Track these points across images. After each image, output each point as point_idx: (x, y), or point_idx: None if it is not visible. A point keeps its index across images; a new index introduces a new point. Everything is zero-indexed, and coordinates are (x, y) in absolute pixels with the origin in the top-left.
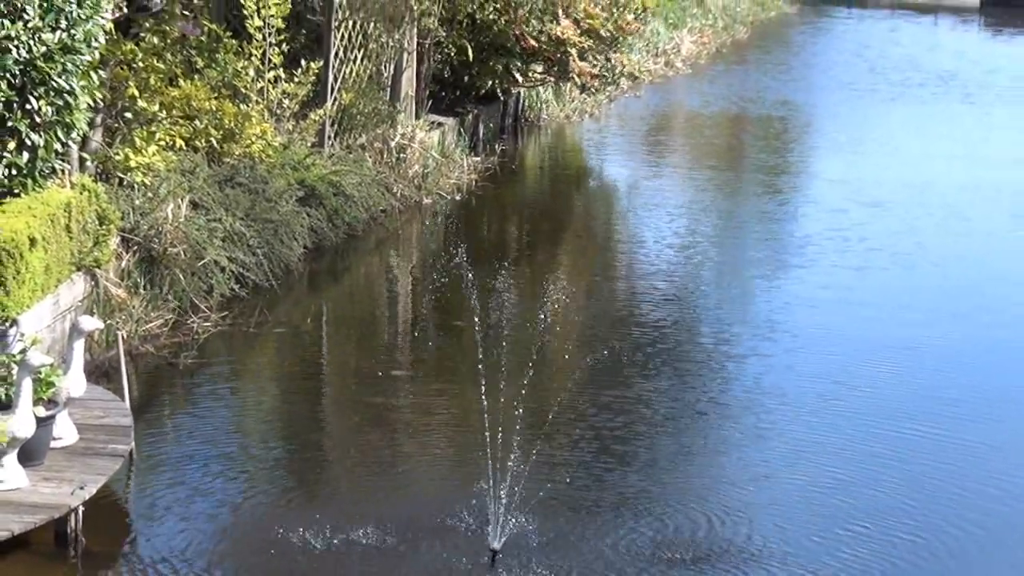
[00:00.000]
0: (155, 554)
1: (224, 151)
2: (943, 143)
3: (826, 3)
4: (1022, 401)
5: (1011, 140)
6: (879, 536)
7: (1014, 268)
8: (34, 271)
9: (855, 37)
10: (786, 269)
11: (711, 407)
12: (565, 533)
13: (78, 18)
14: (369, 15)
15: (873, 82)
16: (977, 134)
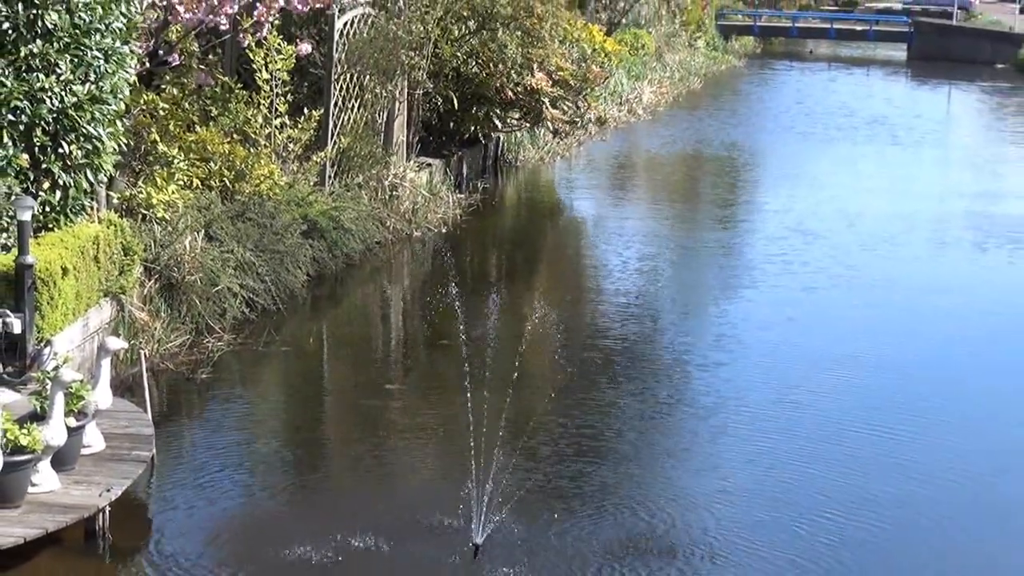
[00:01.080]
0: (175, 549)
1: (236, 189)
2: (873, 179)
3: (770, 57)
4: (947, 397)
5: (932, 176)
6: (823, 520)
7: (936, 287)
8: (66, 297)
9: (796, 87)
10: (736, 290)
11: (673, 411)
12: (542, 527)
13: (105, 72)
14: (365, 69)
15: (812, 126)
16: (902, 171)
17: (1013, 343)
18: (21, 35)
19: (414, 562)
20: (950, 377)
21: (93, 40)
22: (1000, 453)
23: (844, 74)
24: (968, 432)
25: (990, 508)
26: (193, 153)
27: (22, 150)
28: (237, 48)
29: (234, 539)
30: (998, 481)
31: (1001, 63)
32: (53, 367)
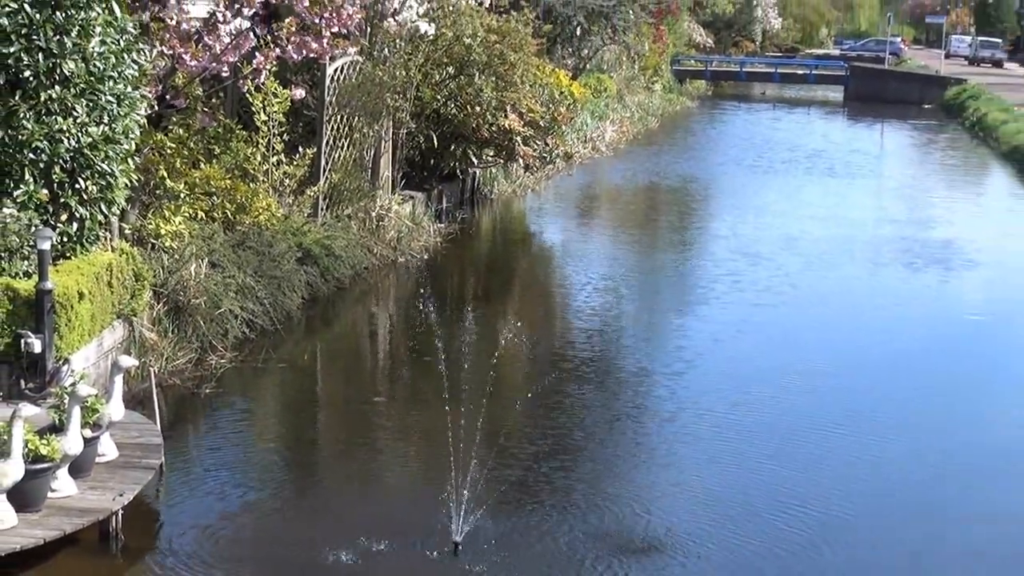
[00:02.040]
0: (182, 549)
1: (237, 221)
2: (812, 207)
3: (720, 99)
4: (882, 400)
5: (866, 204)
6: (771, 516)
7: (870, 303)
8: (82, 319)
9: (743, 125)
10: (691, 306)
11: (637, 416)
12: (518, 524)
13: (118, 115)
14: (353, 111)
15: (757, 159)
16: (840, 199)
17: (940, 350)
18: (41, 82)
19: (399, 559)
20: (884, 381)
21: (107, 86)
22: (930, 452)
23: (787, 113)
24: (900, 433)
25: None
26: (198, 188)
27: (42, 186)
28: (237, 92)
29: (236, 539)
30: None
31: (928, 103)
32: (70, 383)
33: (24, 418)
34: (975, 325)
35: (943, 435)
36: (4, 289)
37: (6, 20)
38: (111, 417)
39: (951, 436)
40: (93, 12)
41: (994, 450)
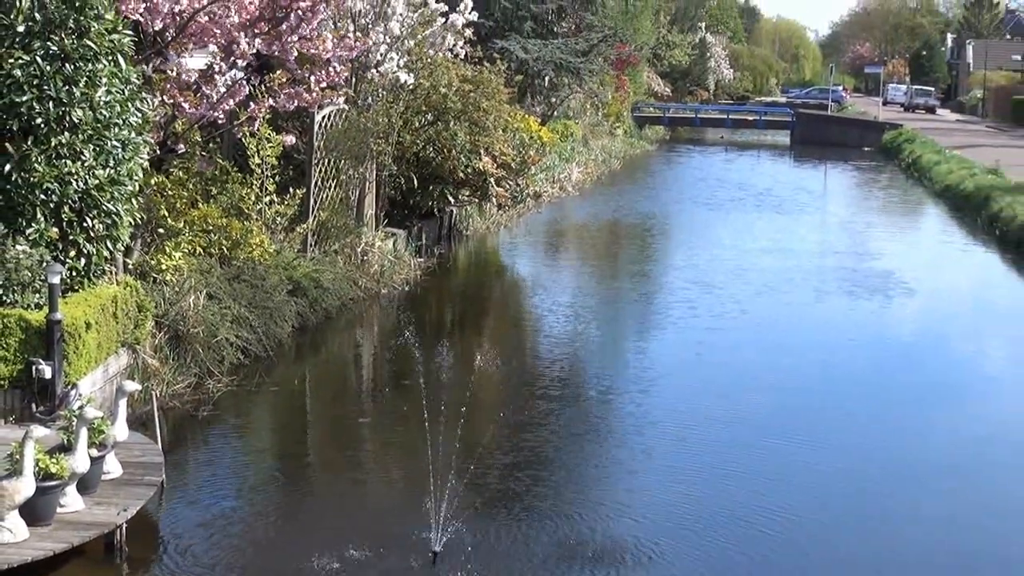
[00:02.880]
0: (182, 559)
1: (232, 256)
2: (761, 240)
3: (677, 143)
4: (824, 414)
5: (811, 238)
6: (727, 527)
7: (814, 326)
8: (89, 347)
9: (698, 166)
10: (651, 331)
11: (603, 433)
12: (493, 534)
13: (123, 158)
14: (340, 155)
15: (711, 197)
16: (786, 233)
17: (879, 368)
18: (52, 128)
19: (380, 568)
20: (828, 397)
21: (112, 132)
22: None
23: (738, 156)
24: (844, 442)
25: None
26: (196, 226)
27: (52, 224)
28: (233, 138)
29: (232, 548)
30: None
31: (868, 146)
32: (78, 406)
33: (35, 439)
34: (911, 346)
35: (884, 445)
36: (17, 320)
37: (19, 72)
38: (116, 438)
39: (892, 446)
40: (100, 64)
41: (933, 458)
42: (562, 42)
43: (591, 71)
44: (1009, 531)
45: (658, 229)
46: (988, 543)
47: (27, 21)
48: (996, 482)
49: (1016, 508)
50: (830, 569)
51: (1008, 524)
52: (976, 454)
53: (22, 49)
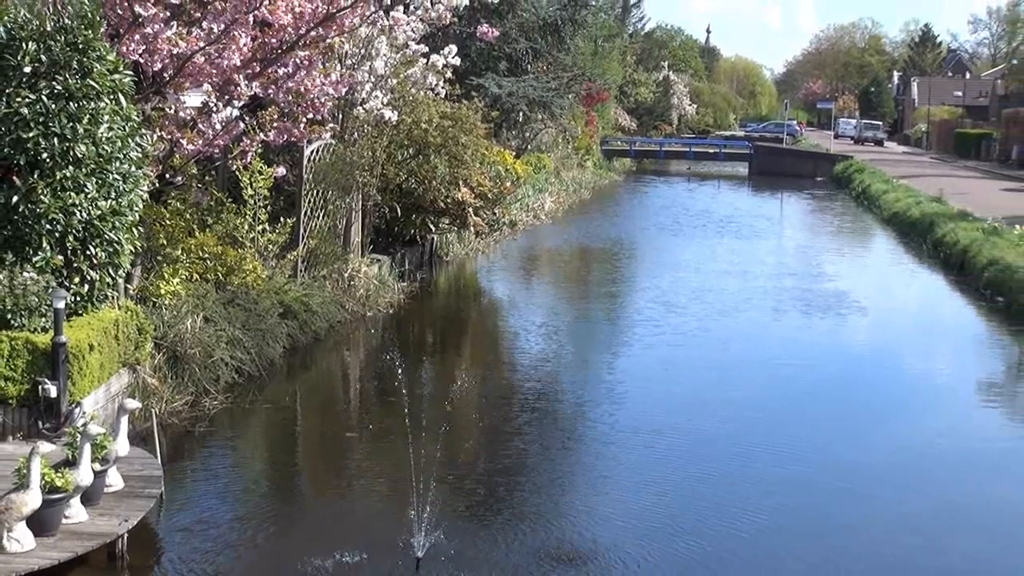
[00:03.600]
0: (180, 567)
1: (227, 282)
2: (721, 263)
3: (643, 174)
4: (782, 423)
5: (768, 261)
6: (694, 529)
7: (771, 342)
8: (92, 368)
9: (663, 195)
10: (620, 347)
11: (576, 444)
12: (473, 541)
13: (124, 191)
14: (328, 186)
15: (674, 224)
16: (745, 257)
17: (832, 380)
18: (57, 163)
19: (368, 573)
20: (783, 405)
21: (114, 166)
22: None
23: (699, 186)
24: (803, 451)
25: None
26: (193, 253)
27: (58, 253)
28: (227, 171)
29: (227, 555)
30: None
31: (821, 176)
32: (82, 423)
33: (41, 454)
34: (862, 359)
35: (839, 452)
36: (24, 342)
37: (26, 110)
38: (118, 453)
39: (846, 452)
40: (102, 103)
41: (881, 464)
42: (534, 80)
43: (562, 107)
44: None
45: (625, 253)
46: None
47: (33, 62)
48: (943, 485)
49: (960, 507)
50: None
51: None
52: (922, 458)
53: (29, 88)
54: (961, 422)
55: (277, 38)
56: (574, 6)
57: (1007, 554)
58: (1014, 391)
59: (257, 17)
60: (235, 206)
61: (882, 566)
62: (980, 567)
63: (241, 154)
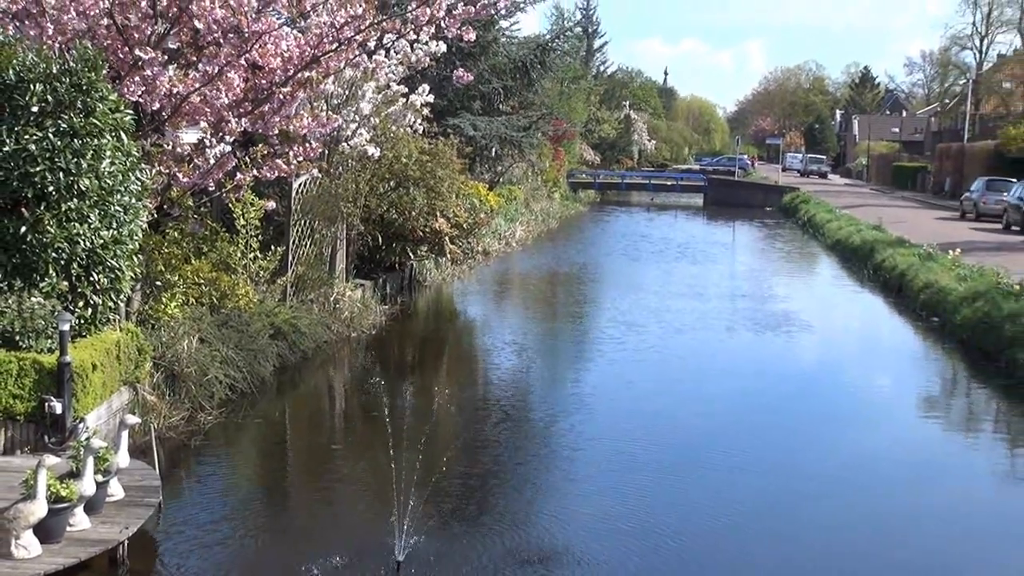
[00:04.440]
0: (178, 571)
1: (221, 305)
2: (678, 286)
3: (607, 205)
4: (738, 435)
5: (720, 284)
6: (653, 528)
7: (724, 358)
8: (95, 386)
9: (625, 225)
10: (586, 363)
11: (547, 455)
12: (450, 545)
13: (125, 221)
14: (314, 217)
15: (635, 251)
16: (700, 280)
17: (780, 393)
18: (62, 195)
19: None
20: (736, 417)
21: (115, 198)
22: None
23: (658, 215)
24: (753, 460)
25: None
26: (189, 279)
27: (63, 279)
28: (221, 203)
29: (221, 559)
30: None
31: (770, 207)
32: (85, 437)
33: (47, 467)
34: (808, 374)
35: (789, 462)
36: (32, 362)
37: (34, 146)
38: (119, 465)
39: (793, 463)
40: (104, 139)
41: (828, 470)
42: (505, 119)
43: (531, 144)
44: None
45: (590, 277)
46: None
47: (41, 102)
48: (884, 492)
49: (897, 513)
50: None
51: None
52: (865, 466)
53: (36, 126)
54: (902, 432)
55: (267, 79)
56: (542, 50)
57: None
58: (948, 403)
59: (249, 60)
60: (228, 235)
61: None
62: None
63: (234, 187)
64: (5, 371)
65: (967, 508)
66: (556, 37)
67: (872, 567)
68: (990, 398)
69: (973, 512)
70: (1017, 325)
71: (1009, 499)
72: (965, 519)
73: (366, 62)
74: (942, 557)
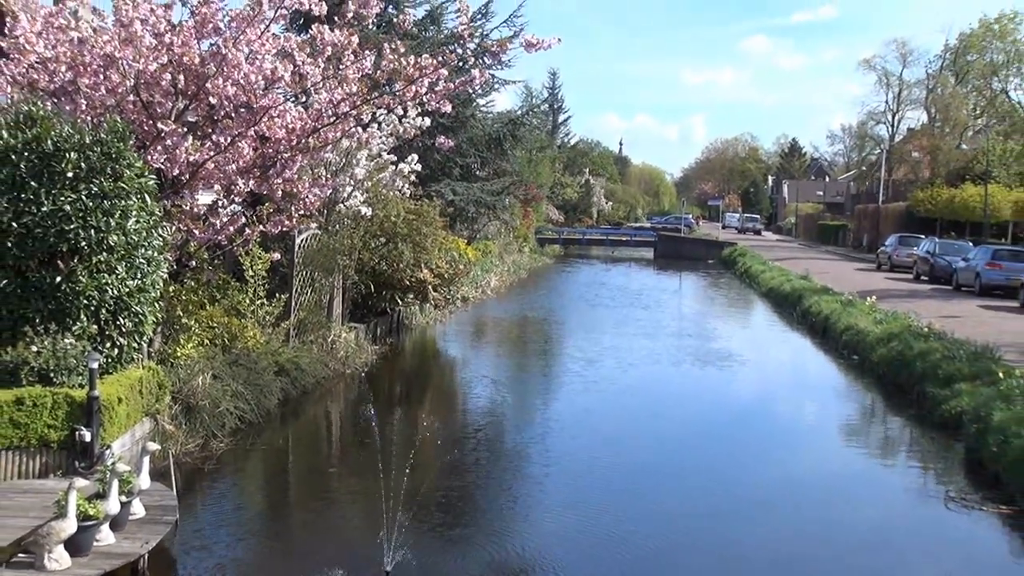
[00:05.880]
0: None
1: (231, 346)
2: (630, 327)
3: (570, 258)
4: (683, 455)
5: (667, 325)
6: (611, 538)
7: (673, 387)
8: (120, 417)
9: (586, 275)
10: (551, 394)
11: (517, 478)
12: (433, 557)
13: (148, 272)
14: (315, 268)
15: (594, 298)
16: (651, 323)
17: (718, 419)
18: (93, 250)
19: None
20: (682, 440)
21: (140, 252)
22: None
23: (614, 266)
24: (700, 474)
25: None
26: (204, 323)
27: (93, 323)
28: (232, 255)
29: (231, 571)
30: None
31: (711, 260)
32: (111, 462)
33: (77, 488)
34: (743, 404)
35: (728, 477)
36: (64, 397)
37: (69, 207)
38: (140, 486)
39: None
40: (131, 201)
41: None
42: (481, 185)
43: (504, 206)
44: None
45: (555, 320)
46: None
47: (75, 168)
48: (813, 505)
49: (831, 525)
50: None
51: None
52: (795, 482)
53: (71, 190)
54: (826, 454)
55: (273, 148)
56: (514, 124)
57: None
58: (867, 430)
59: (257, 132)
60: (238, 284)
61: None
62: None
63: (244, 242)
64: (41, 404)
65: (883, 520)
66: (526, 113)
67: (803, 568)
68: (903, 426)
69: (889, 524)
70: (927, 362)
71: (920, 512)
72: (882, 530)
73: (360, 133)
74: (866, 561)
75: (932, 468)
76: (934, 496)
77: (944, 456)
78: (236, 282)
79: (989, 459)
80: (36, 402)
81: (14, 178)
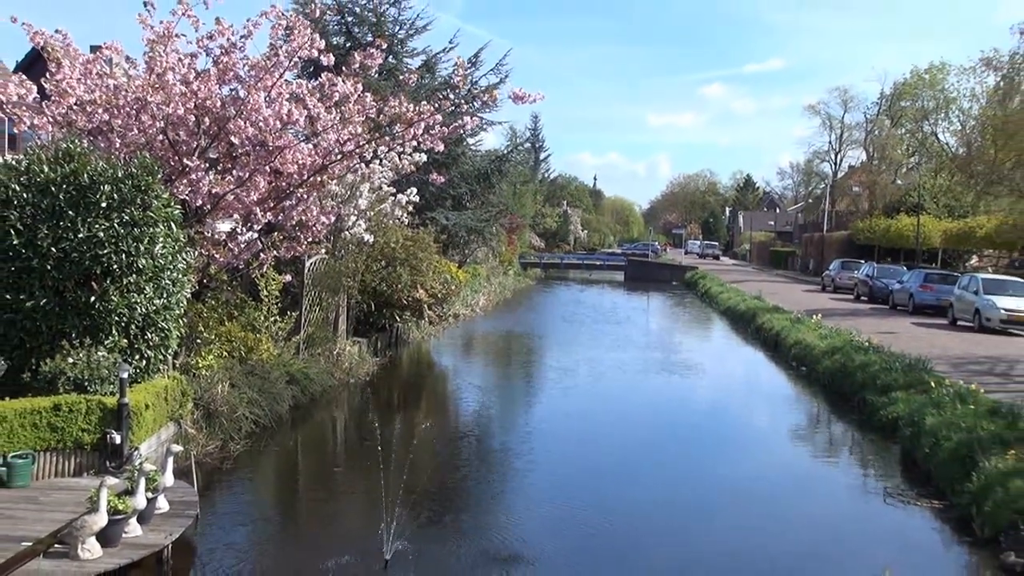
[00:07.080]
0: (212, 567)
1: (248, 358)
2: (603, 340)
3: (551, 280)
4: (653, 454)
5: (636, 339)
6: (594, 531)
7: (641, 394)
8: (147, 422)
9: (565, 295)
10: (532, 399)
11: (505, 474)
12: (429, 546)
13: (173, 292)
14: (322, 288)
15: (572, 316)
16: (622, 337)
17: (681, 421)
18: (124, 272)
19: (348, 571)
20: (651, 440)
21: (166, 274)
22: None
23: (589, 288)
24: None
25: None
26: (223, 338)
27: (123, 337)
28: (249, 277)
29: (248, 559)
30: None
31: (675, 282)
32: (139, 462)
33: (108, 486)
34: (704, 406)
35: (688, 473)
36: (97, 403)
37: (102, 234)
38: (165, 484)
39: (694, 475)
40: (158, 228)
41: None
42: (471, 214)
43: (491, 233)
44: (777, 532)
45: (537, 335)
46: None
47: (108, 199)
48: (764, 500)
49: (782, 518)
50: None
51: (777, 527)
52: (749, 479)
53: (104, 218)
54: (777, 455)
55: (286, 181)
56: (500, 161)
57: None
58: (813, 434)
59: (272, 167)
60: (254, 303)
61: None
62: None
63: (259, 265)
64: (76, 410)
65: (829, 513)
66: (511, 151)
67: (760, 556)
68: (846, 429)
69: (833, 517)
70: (866, 373)
71: (861, 506)
72: (828, 522)
73: (363, 169)
74: (814, 550)
75: (872, 467)
76: (874, 492)
77: (882, 456)
78: (252, 301)
79: (922, 459)
80: (72, 408)
81: (54, 208)
